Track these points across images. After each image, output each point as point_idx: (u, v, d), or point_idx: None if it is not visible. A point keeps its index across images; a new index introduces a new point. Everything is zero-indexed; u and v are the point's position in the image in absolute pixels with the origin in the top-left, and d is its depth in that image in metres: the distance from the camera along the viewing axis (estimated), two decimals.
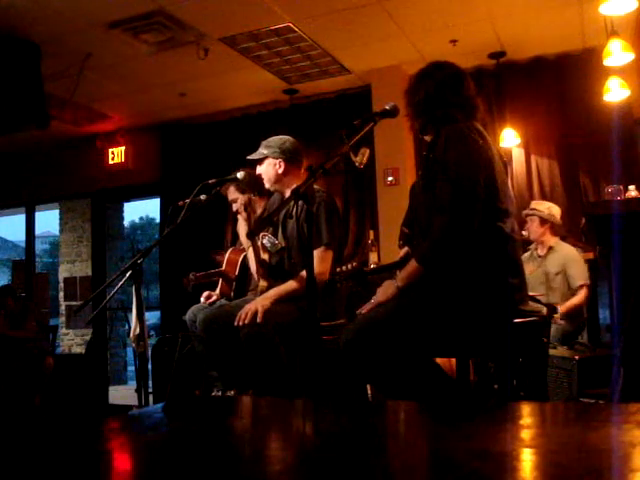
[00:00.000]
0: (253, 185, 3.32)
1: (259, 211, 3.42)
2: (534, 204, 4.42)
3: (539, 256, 4.31)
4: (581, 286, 4.11)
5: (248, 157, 3.16)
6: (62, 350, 8.01)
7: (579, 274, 4.14)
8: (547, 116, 5.09)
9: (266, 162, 3.11)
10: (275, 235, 3.16)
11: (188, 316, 3.40)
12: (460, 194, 2.05)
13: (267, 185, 3.16)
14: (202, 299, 3.64)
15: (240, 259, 3.74)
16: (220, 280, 3.85)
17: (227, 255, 3.88)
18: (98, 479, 0.93)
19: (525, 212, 4.36)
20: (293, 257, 3.05)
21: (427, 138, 2.35)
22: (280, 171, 3.09)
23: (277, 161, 3.09)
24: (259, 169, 3.14)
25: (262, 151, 3.13)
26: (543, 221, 4.27)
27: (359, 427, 1.28)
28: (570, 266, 4.16)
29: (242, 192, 3.36)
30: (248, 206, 3.29)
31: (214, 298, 3.63)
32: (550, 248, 4.26)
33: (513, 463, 0.90)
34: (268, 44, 4.81)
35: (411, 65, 2.45)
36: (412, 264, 2.13)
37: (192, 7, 4.16)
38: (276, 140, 3.15)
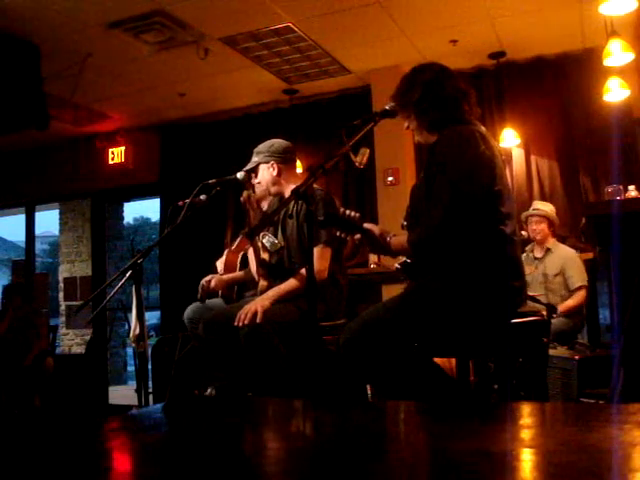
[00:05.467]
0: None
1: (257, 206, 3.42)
2: (538, 204, 4.43)
3: (536, 258, 4.30)
4: (579, 288, 4.11)
5: (244, 170, 3.19)
6: (62, 350, 8.02)
7: (578, 275, 4.14)
8: (547, 116, 5.09)
9: (260, 169, 3.15)
10: (275, 235, 3.16)
11: (186, 315, 3.40)
12: (458, 193, 2.05)
13: (268, 191, 3.18)
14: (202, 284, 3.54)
15: (238, 260, 3.73)
16: None
17: (224, 257, 3.86)
18: (98, 479, 0.93)
19: (530, 212, 4.36)
20: (293, 256, 3.06)
21: (416, 137, 2.36)
22: (274, 173, 3.11)
23: (269, 164, 3.12)
24: (256, 179, 3.18)
25: (254, 159, 3.17)
26: (550, 222, 4.30)
27: (359, 427, 1.28)
28: (569, 267, 4.16)
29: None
30: (247, 203, 3.30)
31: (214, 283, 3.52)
32: (548, 250, 4.27)
33: (513, 463, 0.90)
34: (268, 44, 4.81)
35: (411, 65, 2.44)
36: (406, 242, 2.15)
37: (192, 7, 4.16)
38: (265, 145, 3.19)
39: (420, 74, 2.31)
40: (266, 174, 3.13)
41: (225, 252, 3.91)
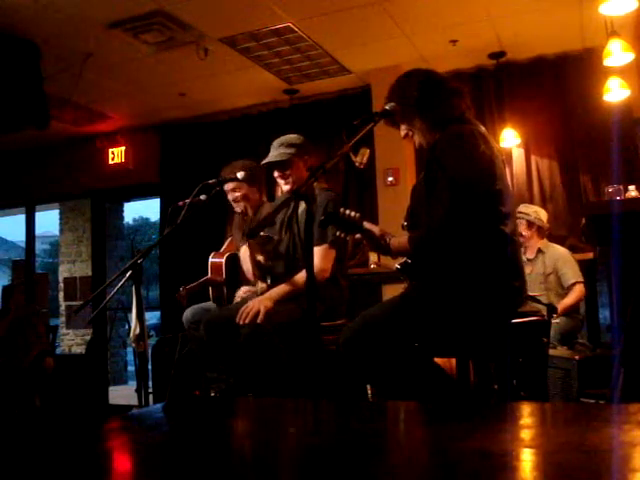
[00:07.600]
0: (252, 180, 3.32)
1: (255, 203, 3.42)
2: (521, 207, 4.41)
3: (528, 260, 4.29)
4: (574, 284, 4.12)
5: (274, 160, 2.98)
6: (62, 350, 8.02)
7: (571, 272, 4.15)
8: (547, 116, 5.09)
9: (295, 165, 2.99)
10: (279, 234, 3.15)
11: (185, 317, 3.39)
12: (458, 193, 2.05)
13: (294, 187, 2.96)
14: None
15: (223, 262, 3.70)
16: (210, 288, 3.80)
17: (210, 261, 3.81)
18: (98, 479, 0.93)
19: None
20: (297, 256, 3.05)
21: (418, 140, 2.36)
22: (307, 169, 2.97)
23: (303, 159, 3.00)
24: (290, 173, 3.00)
25: (286, 151, 2.98)
26: (530, 224, 4.28)
27: (359, 427, 1.28)
28: (561, 265, 4.17)
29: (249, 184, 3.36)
30: (247, 200, 3.29)
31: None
32: (539, 250, 4.28)
33: (513, 463, 0.90)
34: (268, 44, 4.81)
35: (411, 65, 2.44)
36: (406, 242, 2.15)
37: (192, 7, 4.16)
38: (294, 138, 3.04)
39: (413, 77, 2.32)
40: (301, 171, 2.98)
41: (211, 255, 3.85)
